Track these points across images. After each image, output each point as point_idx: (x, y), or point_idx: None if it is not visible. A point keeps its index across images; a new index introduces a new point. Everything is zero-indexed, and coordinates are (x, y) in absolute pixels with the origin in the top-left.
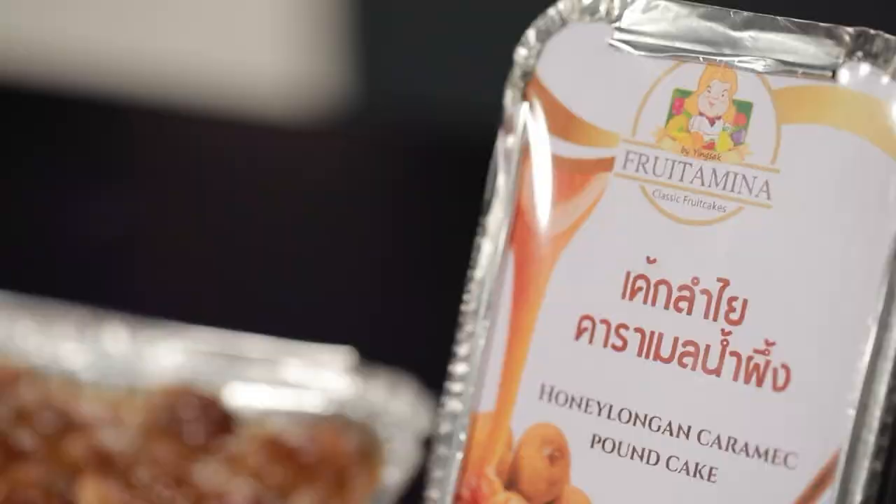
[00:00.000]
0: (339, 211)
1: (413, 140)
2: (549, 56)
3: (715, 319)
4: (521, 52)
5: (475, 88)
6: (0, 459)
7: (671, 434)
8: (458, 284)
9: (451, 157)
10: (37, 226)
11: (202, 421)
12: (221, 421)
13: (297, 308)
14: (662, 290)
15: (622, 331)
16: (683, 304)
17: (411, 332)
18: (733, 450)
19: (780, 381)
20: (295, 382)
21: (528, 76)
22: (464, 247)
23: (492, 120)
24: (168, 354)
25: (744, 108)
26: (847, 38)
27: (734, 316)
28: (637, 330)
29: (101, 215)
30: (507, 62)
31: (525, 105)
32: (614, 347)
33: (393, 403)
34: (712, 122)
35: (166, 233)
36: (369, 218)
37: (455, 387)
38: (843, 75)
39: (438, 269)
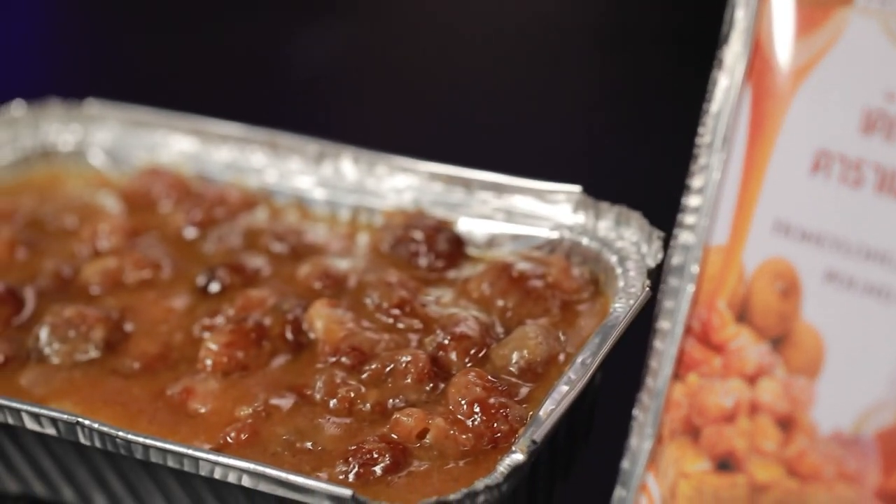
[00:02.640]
0: (567, 47)
1: None
2: None
3: None
4: None
5: None
6: (233, 282)
7: None
8: (685, 122)
9: None
10: (269, 60)
11: (432, 247)
12: (451, 248)
13: (525, 145)
14: None
15: (860, 166)
16: None
17: (639, 168)
18: None
19: None
20: (524, 214)
21: None
22: (692, 84)
23: None
24: (399, 183)
25: None
26: None
27: None
28: (875, 166)
29: (334, 49)
30: None
31: None
32: (851, 183)
33: (622, 236)
34: None
35: (396, 68)
36: (599, 54)
37: (688, 219)
38: None
39: (666, 107)
